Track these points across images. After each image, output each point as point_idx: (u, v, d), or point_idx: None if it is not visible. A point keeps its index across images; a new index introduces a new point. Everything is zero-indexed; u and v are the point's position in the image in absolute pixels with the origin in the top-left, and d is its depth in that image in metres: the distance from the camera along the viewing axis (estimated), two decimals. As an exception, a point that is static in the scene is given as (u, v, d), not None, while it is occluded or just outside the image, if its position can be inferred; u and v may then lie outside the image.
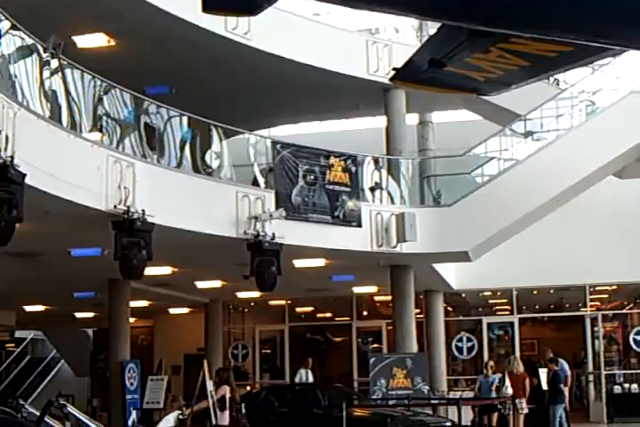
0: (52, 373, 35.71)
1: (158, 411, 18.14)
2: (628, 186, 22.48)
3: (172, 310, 28.26)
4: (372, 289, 24.24)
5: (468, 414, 15.84)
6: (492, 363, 19.07)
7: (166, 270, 18.24)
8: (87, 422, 5.60)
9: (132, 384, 18.81)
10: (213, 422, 12.70)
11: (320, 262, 18.34)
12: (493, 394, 17.36)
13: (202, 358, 17.22)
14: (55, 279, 19.16)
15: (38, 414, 5.75)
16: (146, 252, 12.86)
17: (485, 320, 26.54)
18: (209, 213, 14.57)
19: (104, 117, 14.21)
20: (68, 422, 5.24)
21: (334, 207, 16.77)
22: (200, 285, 21.76)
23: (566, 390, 17.70)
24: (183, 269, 18.62)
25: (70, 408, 5.37)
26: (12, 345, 38.21)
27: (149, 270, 14.00)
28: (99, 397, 24.45)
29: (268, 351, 28.70)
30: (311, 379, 21.29)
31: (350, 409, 14.82)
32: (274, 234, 14.94)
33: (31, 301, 24.54)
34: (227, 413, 13.88)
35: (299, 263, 17.84)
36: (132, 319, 20.90)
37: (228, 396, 14.18)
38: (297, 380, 21.06)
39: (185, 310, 28.14)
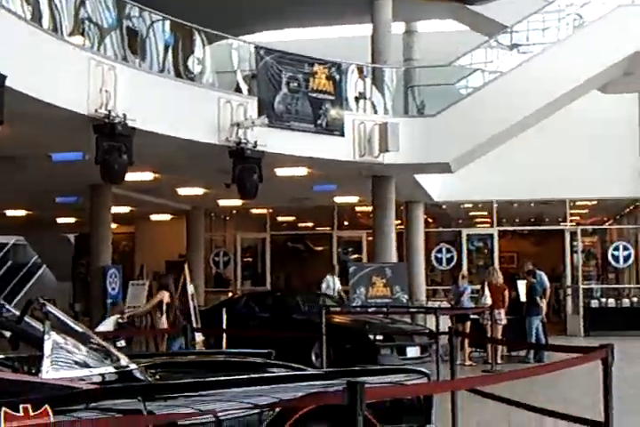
0: (34, 278, 35.92)
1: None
2: (610, 101, 22.48)
3: (154, 217, 28.33)
4: (354, 199, 24.32)
5: (445, 324, 16.04)
6: (464, 272, 19.30)
7: (148, 176, 18.21)
8: (67, 321, 5.65)
9: (113, 289, 18.98)
10: (194, 324, 13.00)
11: (302, 171, 18.34)
12: (466, 303, 17.55)
13: (183, 265, 17.39)
14: (36, 184, 19.12)
15: (18, 314, 5.79)
16: (127, 156, 12.80)
17: (465, 232, 26.78)
18: (191, 118, 14.47)
19: (86, 21, 13.98)
20: (47, 322, 5.27)
21: (317, 116, 16.68)
22: (182, 191, 21.78)
23: (544, 303, 17.91)
24: (165, 176, 18.59)
25: (50, 308, 5.41)
26: (-7, 250, 38.38)
27: (131, 176, 13.96)
28: (80, 302, 24.70)
29: (250, 259, 28.93)
30: (339, 285, 21.31)
31: (330, 316, 14.99)
32: (256, 142, 14.87)
33: (12, 205, 24.53)
34: (164, 318, 14.42)
35: (280, 172, 17.84)
36: (113, 225, 20.96)
37: (166, 301, 14.66)
38: (324, 287, 21.05)
39: (166, 217, 28.22)
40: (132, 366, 5.54)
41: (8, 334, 5.85)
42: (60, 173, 17.26)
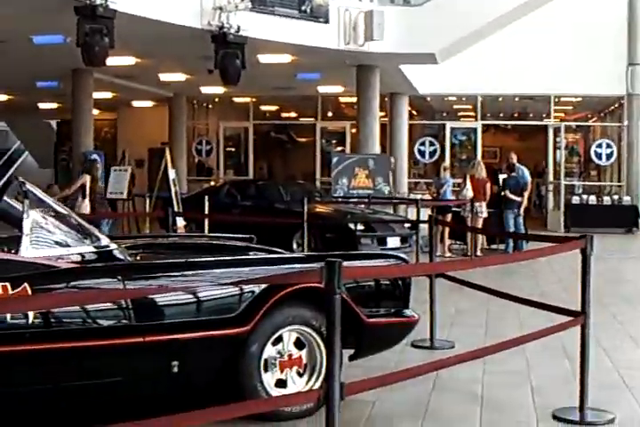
0: (16, 164, 35.76)
1: (122, 201, 18.37)
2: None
3: (136, 104, 28.07)
4: (338, 89, 24.09)
5: (426, 216, 16.08)
6: (446, 164, 19.28)
7: (130, 61, 17.94)
8: (47, 201, 5.61)
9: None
10: (176, 208, 12.97)
11: (285, 59, 18.09)
12: (447, 195, 17.59)
13: (164, 150, 17.30)
14: (17, 68, 18.83)
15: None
16: (108, 39, 12.60)
17: (449, 125, 26.69)
18: (173, 1, 14.17)
19: None
20: (27, 201, 5.23)
21: (302, 1, 16.37)
22: (164, 77, 21.50)
23: (525, 198, 17.93)
24: (146, 61, 18.32)
25: (30, 186, 5.36)
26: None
27: (113, 60, 13.76)
28: (62, 188, 24.63)
29: (232, 149, 28.82)
30: None
31: (311, 205, 15.00)
32: (239, 26, 14.59)
33: (-6, 90, 24.26)
34: (87, 201, 14.56)
35: (264, 59, 17.60)
36: (95, 111, 20.80)
37: (88, 185, 14.79)
38: None
39: (148, 104, 27.97)
40: (113, 245, 5.53)
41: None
42: (42, 56, 16.98)
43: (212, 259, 5.89)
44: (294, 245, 15.16)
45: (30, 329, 4.85)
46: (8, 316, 4.76)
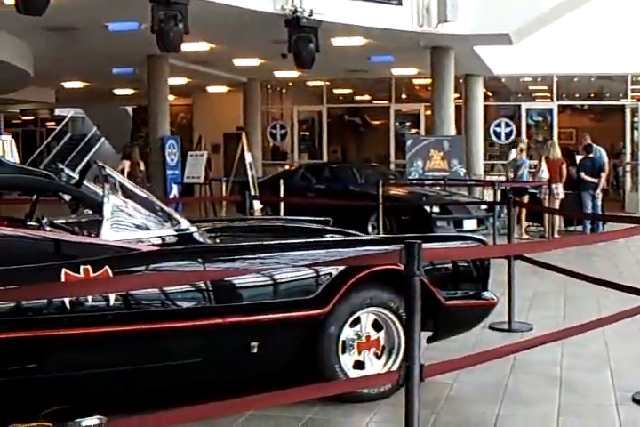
0: (93, 150, 36.31)
1: (199, 185, 18.54)
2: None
3: (211, 89, 28.23)
4: (412, 71, 23.95)
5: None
6: (522, 146, 19.03)
7: (204, 46, 18.05)
8: (127, 184, 5.68)
9: (172, 160, 19.13)
10: (252, 192, 13.01)
11: (358, 42, 18.02)
12: (524, 177, 17.40)
13: (240, 135, 17.40)
14: (93, 55, 19.08)
15: (77, 177, 5.83)
16: (182, 25, 12.69)
17: (524, 106, 26.34)
18: (246, -14, 14.21)
19: None
20: (107, 185, 5.30)
21: (375, -16, 16.27)
22: (238, 62, 21.58)
23: (603, 179, 17.64)
24: (220, 46, 18.41)
25: (109, 171, 5.43)
26: (53, 123, 38.69)
27: (187, 46, 13.87)
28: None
29: (306, 133, 28.84)
30: None
31: (386, 188, 14.96)
32: (312, 10, 14.58)
33: (70, 77, 24.55)
34: None
35: (337, 42, 17.56)
36: (171, 97, 20.96)
37: (127, 171, 14.88)
38: None
39: (223, 89, 28.10)
40: (192, 228, 5.57)
41: (68, 197, 5.91)
42: (117, 43, 17.18)
43: (290, 241, 5.92)
44: (369, 228, 15.14)
45: (112, 311, 4.93)
46: (90, 298, 4.85)
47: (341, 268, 5.55)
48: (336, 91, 28.43)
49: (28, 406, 5.11)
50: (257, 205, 13.90)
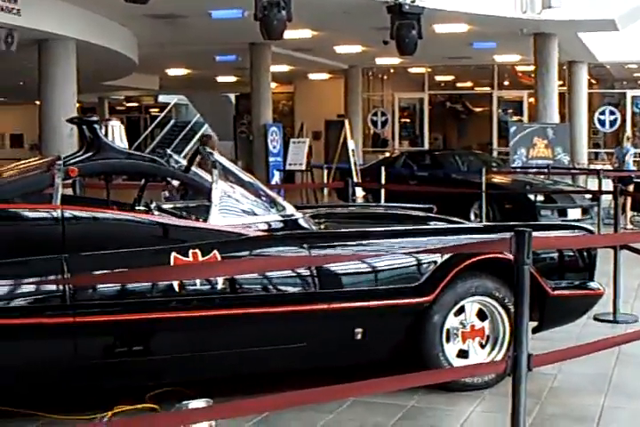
0: (196, 137, 36.71)
1: (300, 172, 18.62)
2: None
3: (312, 76, 28.29)
4: (515, 58, 23.65)
5: (608, 187, 15.61)
6: (629, 134, 18.64)
7: (306, 34, 18.10)
8: (234, 170, 5.73)
9: (274, 147, 19.23)
10: (355, 179, 13.01)
11: (461, 28, 17.86)
12: (629, 165, 17.04)
13: (342, 124, 17.41)
14: (196, 43, 19.29)
15: (186, 163, 5.91)
16: (286, 12, 12.75)
17: (630, 94, 25.82)
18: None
19: None
20: (215, 170, 5.37)
21: (480, -31, 16.09)
22: (339, 49, 21.59)
23: None
24: (323, 33, 18.44)
25: (217, 157, 5.49)
26: (157, 110, 39.23)
27: (290, 34, 13.90)
28: (242, 160, 25.21)
29: (407, 120, 28.72)
30: None
31: (489, 176, 14.81)
32: (415, -4, 14.52)
33: (174, 64, 24.87)
34: None
35: (439, 28, 17.42)
36: (272, 85, 21.07)
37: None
38: None
39: (324, 76, 28.14)
40: (298, 214, 5.60)
41: (176, 183, 5.99)
42: (220, 30, 17.33)
43: (396, 228, 5.91)
44: (472, 216, 15.01)
45: (220, 295, 5.00)
46: (198, 282, 4.92)
47: (447, 256, 5.52)
48: (437, 77, 28.25)
49: (133, 388, 5.22)
50: (359, 192, 13.90)
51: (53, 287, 4.69)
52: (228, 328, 5.08)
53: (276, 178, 18.82)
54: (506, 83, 27.41)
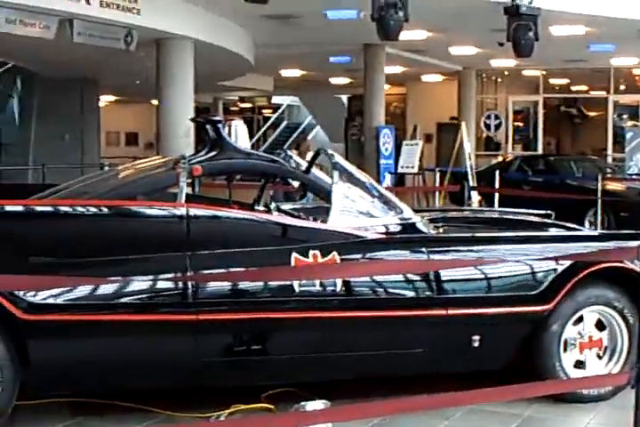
0: (308, 138, 36.88)
1: (412, 175, 18.52)
2: None
3: (425, 78, 28.13)
4: (633, 61, 23.14)
5: None
6: None
7: (421, 35, 18.01)
8: (354, 172, 5.73)
9: (386, 149, 19.18)
10: (471, 183, 12.89)
11: (579, 30, 17.52)
12: None
13: (455, 126, 17.28)
14: (311, 44, 19.38)
15: (306, 164, 5.94)
16: (402, 13, 12.73)
17: None
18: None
19: None
20: (336, 172, 5.37)
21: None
22: (454, 51, 21.42)
23: None
24: (438, 35, 18.33)
25: (338, 158, 5.49)
26: (270, 111, 39.53)
27: (405, 35, 13.81)
28: (353, 162, 25.17)
29: (520, 123, 28.37)
30: None
31: (604, 183, 14.51)
32: (532, -3, 14.34)
33: (288, 65, 25.04)
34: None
35: (556, 30, 17.13)
36: (385, 86, 21.05)
37: None
38: None
39: (438, 78, 27.97)
40: (416, 218, 5.56)
41: (296, 183, 6.02)
42: (335, 31, 17.37)
43: (516, 234, 5.83)
44: (587, 224, 14.71)
45: (339, 297, 4.99)
46: (317, 283, 4.93)
47: (567, 264, 5.41)
48: (552, 80, 27.84)
49: (248, 387, 5.25)
50: (475, 196, 13.79)
51: (177, 285, 4.76)
52: (347, 331, 5.08)
53: (387, 180, 18.75)
54: (622, 87, 26.85)
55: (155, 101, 15.88)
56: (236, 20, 16.56)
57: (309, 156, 13.23)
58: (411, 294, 5.19)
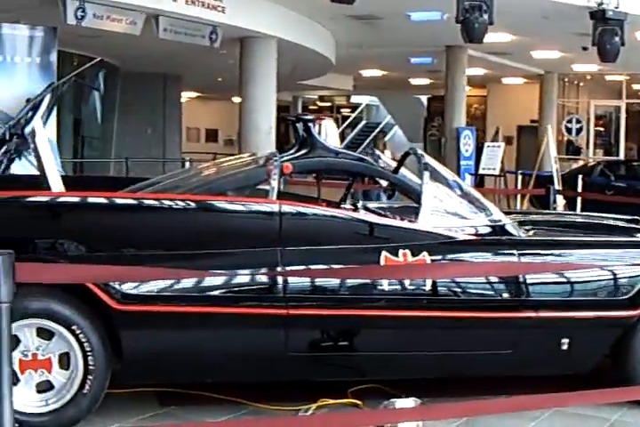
0: (387, 138, 36.83)
1: (493, 177, 18.41)
2: None
3: (506, 80, 27.96)
4: None
5: None
6: None
7: (505, 38, 17.90)
8: (444, 172, 5.73)
9: (466, 151, 19.12)
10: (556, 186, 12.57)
11: (667, 36, 17.27)
12: None
13: (536, 130, 17.11)
14: (393, 44, 19.38)
15: (394, 164, 5.95)
16: (487, 16, 12.73)
17: None
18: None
19: None
20: (426, 172, 5.38)
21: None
22: (536, 54, 21.25)
23: None
24: (521, 38, 18.21)
25: (428, 159, 5.50)
26: (348, 110, 39.60)
27: (488, 37, 13.79)
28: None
29: (602, 128, 28.01)
30: None
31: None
32: (618, 2, 14.17)
33: (369, 65, 25.05)
34: None
35: (642, 35, 16.94)
36: (466, 88, 20.96)
37: None
38: None
39: (519, 81, 27.77)
40: (506, 220, 5.52)
41: (384, 183, 6.03)
42: (417, 33, 17.36)
43: (607, 239, 5.78)
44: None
45: (428, 296, 5.00)
46: (408, 282, 4.95)
47: (657, 269, 5.34)
48: (635, 86, 27.43)
49: (333, 382, 5.29)
50: (560, 199, 13.63)
51: (269, 279, 4.81)
52: (435, 330, 5.08)
53: (467, 182, 18.68)
54: None
55: (235, 99, 16.12)
56: (320, 20, 16.64)
57: (387, 155, 13.35)
58: (500, 295, 5.17)
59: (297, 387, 5.27)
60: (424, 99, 34.08)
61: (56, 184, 5.10)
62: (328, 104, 39.83)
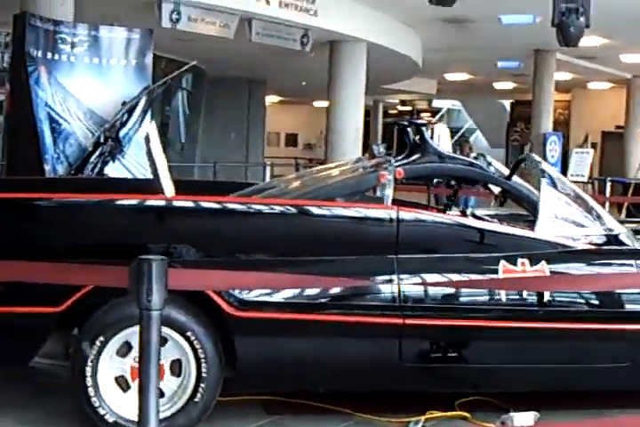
0: (470, 140, 36.61)
1: (582, 184, 18.10)
2: None
3: (591, 85, 27.52)
4: None
5: None
6: None
7: (595, 41, 17.61)
8: (560, 178, 5.60)
9: (552, 157, 18.88)
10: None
11: None
12: None
13: (621, 135, 16.78)
14: (481, 47, 19.17)
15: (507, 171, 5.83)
16: (584, 19, 12.47)
17: None
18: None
19: None
20: (543, 179, 5.25)
21: None
22: (625, 59, 20.88)
23: None
24: (611, 41, 17.93)
25: (545, 165, 5.36)
26: (429, 115, 39.35)
27: (579, 41, 13.61)
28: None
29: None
30: None
31: None
32: None
33: (454, 69, 24.84)
34: None
35: None
36: (553, 93, 20.70)
37: None
38: None
39: (605, 86, 27.30)
40: (621, 229, 5.37)
41: (496, 189, 5.92)
42: (507, 36, 17.16)
43: None
44: None
45: (543, 308, 4.86)
46: (525, 293, 4.83)
47: None
48: None
49: (443, 394, 5.17)
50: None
51: (386, 287, 4.72)
52: (549, 342, 4.94)
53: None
54: None
55: (316, 103, 16.05)
56: (410, 23, 16.51)
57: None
58: (618, 307, 5.02)
59: (399, 397, 5.16)
60: (507, 104, 33.74)
61: (169, 189, 5.07)
62: (409, 108, 39.58)
